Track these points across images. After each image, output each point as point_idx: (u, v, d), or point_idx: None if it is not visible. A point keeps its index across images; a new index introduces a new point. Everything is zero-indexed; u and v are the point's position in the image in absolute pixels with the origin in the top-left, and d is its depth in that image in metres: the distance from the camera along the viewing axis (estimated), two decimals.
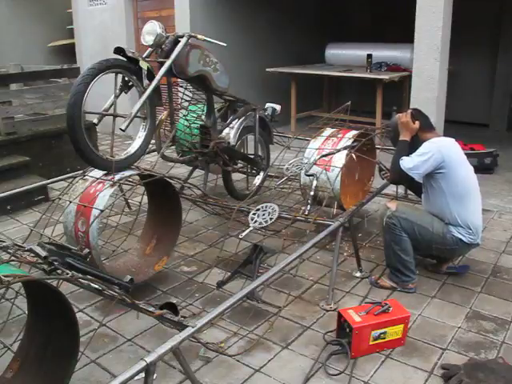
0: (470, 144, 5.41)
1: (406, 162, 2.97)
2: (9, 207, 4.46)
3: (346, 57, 7.07)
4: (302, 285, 3.18)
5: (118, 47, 2.94)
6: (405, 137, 3.11)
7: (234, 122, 4.06)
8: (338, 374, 2.33)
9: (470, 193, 3.02)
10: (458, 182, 2.96)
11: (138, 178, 3.20)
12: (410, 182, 3.23)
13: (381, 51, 6.49)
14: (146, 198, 3.52)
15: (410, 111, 3.17)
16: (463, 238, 2.98)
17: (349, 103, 4.11)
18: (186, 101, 4.10)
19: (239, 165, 4.27)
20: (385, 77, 5.81)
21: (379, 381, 2.33)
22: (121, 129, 2.80)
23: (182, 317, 2.15)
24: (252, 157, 4.29)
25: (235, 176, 4.37)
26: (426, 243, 3.02)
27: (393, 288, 3.07)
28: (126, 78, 2.98)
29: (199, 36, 3.31)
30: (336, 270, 3.03)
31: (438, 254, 3.19)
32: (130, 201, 4.00)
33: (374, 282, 3.13)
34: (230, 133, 4.02)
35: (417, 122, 3.09)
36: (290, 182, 4.06)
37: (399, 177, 3.09)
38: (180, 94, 4.09)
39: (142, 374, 1.76)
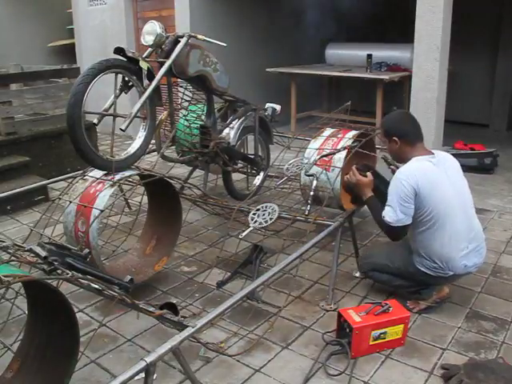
0: (470, 144, 5.42)
1: (390, 217, 2.62)
2: (9, 207, 4.46)
3: (346, 57, 7.08)
4: (302, 285, 3.18)
5: (118, 47, 2.94)
6: (368, 194, 2.83)
7: (234, 122, 4.05)
8: (339, 375, 2.33)
9: (441, 221, 2.62)
10: (422, 211, 2.62)
11: (138, 177, 3.20)
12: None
13: (381, 51, 6.49)
14: (146, 198, 3.52)
15: (353, 167, 2.90)
16: (427, 271, 2.71)
17: (349, 103, 4.11)
18: (186, 101, 4.10)
19: (239, 165, 4.27)
20: (385, 77, 5.81)
21: (379, 381, 2.32)
22: (121, 129, 2.80)
23: (182, 317, 2.15)
24: (252, 157, 4.29)
25: (235, 176, 4.37)
26: (396, 276, 2.84)
27: (429, 306, 2.81)
28: (126, 78, 2.98)
29: (199, 36, 3.31)
30: (336, 270, 3.03)
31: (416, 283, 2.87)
32: (129, 201, 4.00)
33: (412, 310, 2.80)
34: (230, 133, 4.02)
35: (368, 174, 2.84)
36: (290, 182, 4.05)
37: (396, 234, 2.71)
38: (180, 94, 4.09)
39: (142, 374, 1.76)
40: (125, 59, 2.94)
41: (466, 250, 2.67)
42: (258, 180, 4.53)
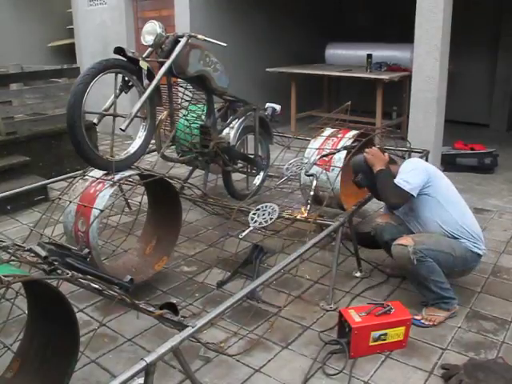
0: (470, 144, 5.41)
1: (406, 185, 2.73)
2: (9, 207, 4.46)
3: (346, 57, 7.07)
4: (302, 285, 3.18)
5: (118, 47, 2.94)
6: (381, 167, 2.88)
7: (234, 122, 4.05)
8: (337, 374, 2.33)
9: (462, 202, 2.90)
10: (449, 190, 2.88)
11: (138, 177, 3.20)
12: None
13: (381, 51, 6.49)
14: (146, 198, 3.52)
15: (373, 147, 3.04)
16: (480, 252, 2.81)
17: (349, 103, 4.11)
18: (186, 101, 4.10)
19: (239, 165, 4.27)
20: (385, 77, 5.81)
21: (379, 381, 2.33)
22: (121, 129, 2.80)
23: (182, 317, 2.15)
24: (252, 157, 4.29)
25: (235, 176, 4.37)
26: (448, 269, 2.75)
27: (447, 318, 2.76)
28: (126, 78, 2.98)
29: (199, 36, 3.31)
30: (336, 270, 3.03)
31: (455, 277, 2.92)
32: (129, 201, 4.00)
33: (422, 323, 2.72)
34: (230, 133, 4.02)
35: (386, 154, 2.97)
36: (290, 182, 4.05)
37: (402, 199, 2.78)
38: (180, 94, 4.08)
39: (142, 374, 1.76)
40: (125, 59, 2.94)
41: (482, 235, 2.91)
42: (258, 180, 4.53)
